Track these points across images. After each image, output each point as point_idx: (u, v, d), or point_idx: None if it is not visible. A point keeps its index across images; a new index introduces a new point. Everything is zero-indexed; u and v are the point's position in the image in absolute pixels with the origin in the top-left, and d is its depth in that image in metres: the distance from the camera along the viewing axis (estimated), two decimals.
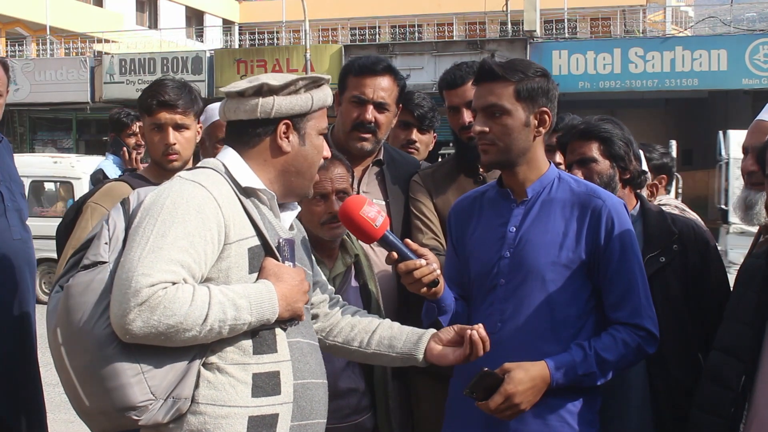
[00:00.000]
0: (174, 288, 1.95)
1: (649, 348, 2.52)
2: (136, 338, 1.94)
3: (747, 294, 2.49)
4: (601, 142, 2.96)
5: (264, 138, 2.23)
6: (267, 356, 2.13)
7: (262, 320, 2.07)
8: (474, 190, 2.82)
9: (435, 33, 28.78)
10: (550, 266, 2.50)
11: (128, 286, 1.93)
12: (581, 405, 2.50)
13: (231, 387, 2.07)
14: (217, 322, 1.99)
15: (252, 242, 2.14)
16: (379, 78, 3.23)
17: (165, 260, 1.97)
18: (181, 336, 1.96)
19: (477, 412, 2.44)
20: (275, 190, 2.26)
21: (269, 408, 2.10)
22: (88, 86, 25.56)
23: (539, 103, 2.53)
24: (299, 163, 2.27)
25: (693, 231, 2.97)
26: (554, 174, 2.61)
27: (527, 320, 2.50)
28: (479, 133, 2.53)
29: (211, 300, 1.99)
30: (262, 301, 2.07)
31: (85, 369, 2.00)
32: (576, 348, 2.45)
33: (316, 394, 2.24)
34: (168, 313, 1.92)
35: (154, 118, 3.14)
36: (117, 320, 1.93)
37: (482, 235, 2.63)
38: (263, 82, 2.19)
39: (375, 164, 3.32)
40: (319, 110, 2.28)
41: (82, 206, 3.13)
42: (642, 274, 2.55)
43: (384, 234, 2.44)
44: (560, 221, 2.53)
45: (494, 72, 2.52)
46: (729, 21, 23.53)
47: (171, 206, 2.05)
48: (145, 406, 1.98)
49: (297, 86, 2.22)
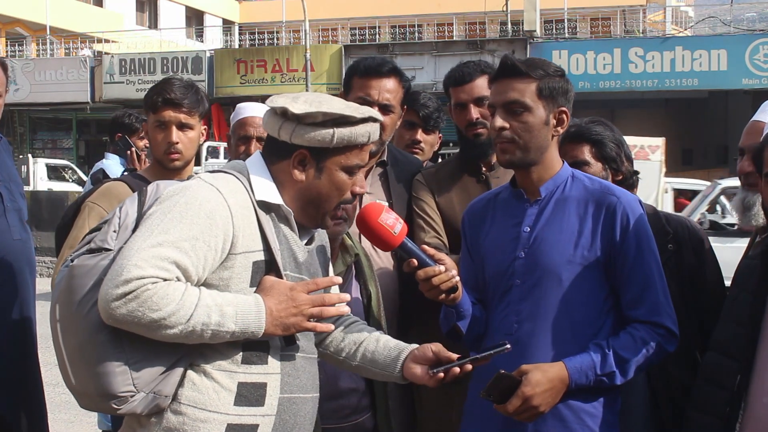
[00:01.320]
0: (165, 284, 1.96)
1: (669, 346, 2.47)
2: (118, 323, 1.96)
3: (742, 294, 2.49)
4: (593, 145, 2.94)
5: (283, 160, 2.21)
6: (256, 367, 2.13)
7: (246, 332, 2.06)
8: (488, 192, 2.80)
9: (435, 33, 28.80)
10: (565, 265, 2.46)
11: (120, 273, 1.94)
12: (601, 406, 2.46)
13: (214, 392, 2.08)
14: (200, 324, 1.99)
15: (258, 256, 2.13)
16: (384, 80, 3.22)
17: (161, 257, 1.97)
18: (163, 332, 1.97)
19: (495, 413, 2.40)
20: (293, 209, 2.24)
21: (250, 418, 2.11)
22: (88, 86, 25.59)
23: (559, 102, 2.51)
24: (311, 194, 2.22)
25: (687, 230, 2.95)
26: (567, 173, 2.58)
27: (544, 320, 2.46)
28: (499, 129, 2.49)
29: (199, 302, 2.00)
30: (249, 313, 2.05)
31: (75, 350, 2.04)
32: (594, 348, 2.41)
33: (302, 408, 2.22)
34: (154, 308, 1.94)
35: (159, 115, 3.14)
36: (103, 303, 1.95)
37: (496, 236, 2.60)
38: (287, 106, 2.16)
39: (378, 165, 3.31)
40: (345, 147, 2.19)
41: (81, 205, 3.13)
42: (659, 271, 2.51)
43: (402, 241, 2.39)
44: (575, 219, 2.50)
45: (517, 68, 2.49)
46: (729, 21, 23.55)
47: (183, 205, 2.05)
48: (126, 397, 2.01)
49: (317, 119, 2.15)
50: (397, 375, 2.39)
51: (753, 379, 2.38)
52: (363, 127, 2.20)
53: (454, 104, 3.28)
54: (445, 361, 2.31)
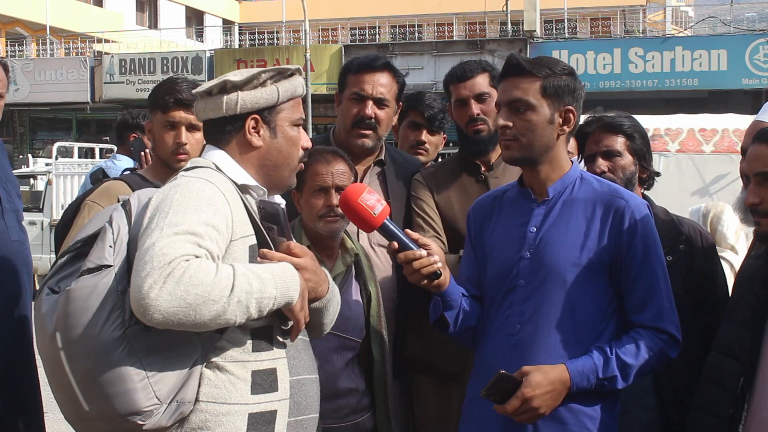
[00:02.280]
0: (197, 260, 1.92)
1: (672, 352, 2.46)
2: (165, 315, 1.86)
3: (745, 295, 2.48)
4: (627, 138, 2.96)
5: (234, 135, 2.24)
6: (265, 354, 2.14)
7: (286, 296, 2.06)
8: (494, 190, 2.79)
9: (435, 33, 28.78)
10: (570, 267, 2.45)
11: (148, 268, 1.87)
12: (601, 409, 2.45)
13: (231, 384, 2.08)
14: (244, 293, 1.95)
15: (251, 240, 2.15)
16: (377, 74, 3.22)
17: (182, 240, 1.93)
18: (209, 308, 1.89)
19: (494, 414, 2.40)
20: (259, 184, 2.28)
21: (268, 405, 2.12)
22: (88, 86, 25.57)
23: (565, 101, 2.50)
24: (273, 156, 2.27)
25: (699, 233, 2.95)
26: (576, 173, 2.57)
27: (547, 322, 2.44)
28: (502, 127, 2.49)
29: (236, 272, 1.96)
30: (285, 276, 2.07)
31: (87, 374, 1.97)
32: (597, 351, 2.40)
33: (310, 389, 2.26)
34: (194, 282, 1.87)
35: (169, 115, 3.12)
36: (140, 302, 1.86)
37: (502, 234, 2.59)
38: (225, 78, 2.21)
39: (376, 164, 3.31)
40: (288, 101, 2.28)
41: (80, 205, 3.12)
42: (665, 277, 2.50)
43: (383, 222, 2.41)
44: (582, 221, 2.48)
45: (522, 67, 2.49)
46: (729, 21, 23.54)
47: (181, 200, 2.03)
48: (150, 411, 1.97)
49: (260, 79, 2.22)
50: None
51: (756, 380, 2.37)
52: (297, 79, 2.30)
53: (454, 101, 3.27)
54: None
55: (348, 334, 2.85)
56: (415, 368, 3.24)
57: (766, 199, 2.35)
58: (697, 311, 2.85)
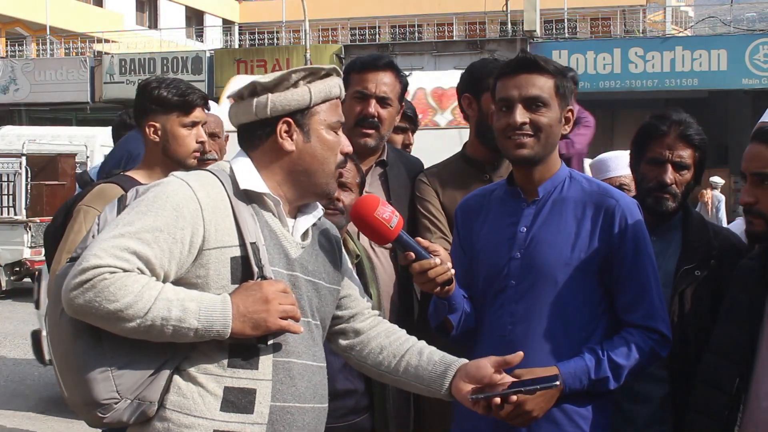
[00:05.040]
0: (124, 275, 1.89)
1: (662, 351, 2.46)
2: (77, 314, 1.91)
3: (741, 296, 2.47)
4: (697, 150, 2.84)
5: (265, 140, 2.14)
6: (243, 371, 2.03)
7: (211, 330, 1.95)
8: (481, 188, 2.77)
9: (435, 33, 28.75)
10: (562, 267, 2.44)
11: (80, 263, 1.90)
12: (595, 410, 2.45)
13: (199, 397, 2.00)
14: (159, 319, 1.90)
15: (234, 252, 2.04)
16: (381, 73, 3.23)
17: (120, 247, 1.91)
18: (121, 325, 1.90)
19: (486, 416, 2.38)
20: (286, 194, 2.16)
21: (238, 425, 2.01)
22: (88, 86, 25.57)
23: (568, 101, 2.51)
24: (306, 161, 2.15)
25: (733, 247, 2.81)
26: (565, 173, 2.56)
27: (539, 322, 2.44)
28: (521, 124, 2.45)
29: (159, 296, 1.91)
30: (214, 310, 1.96)
31: (62, 359, 2.00)
32: (589, 353, 2.40)
33: (298, 419, 2.10)
34: (111, 298, 1.87)
35: (193, 115, 3.14)
36: (64, 293, 1.91)
37: (491, 234, 2.58)
38: (255, 80, 2.14)
39: (379, 165, 3.30)
40: (324, 103, 2.16)
41: (72, 209, 3.08)
42: (655, 276, 2.50)
43: (399, 234, 2.33)
44: (572, 221, 2.48)
45: (537, 64, 2.47)
46: (729, 21, 23.53)
47: (150, 199, 2.00)
48: (110, 404, 1.95)
49: (291, 80, 2.13)
50: (444, 393, 2.28)
51: (752, 382, 2.36)
52: (332, 80, 2.20)
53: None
54: (491, 385, 2.22)
55: None
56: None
57: (761, 200, 2.33)
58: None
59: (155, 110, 3.16)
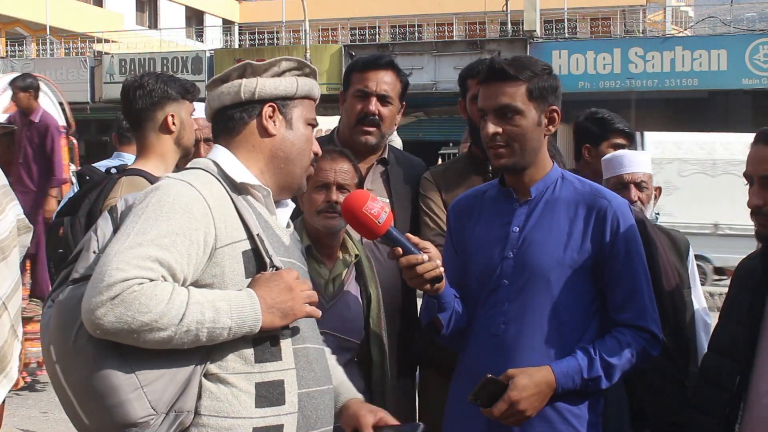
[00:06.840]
0: (152, 285, 1.85)
1: (654, 350, 2.48)
2: (107, 334, 1.84)
3: (741, 294, 2.49)
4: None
5: (249, 122, 2.16)
6: (270, 364, 2.04)
7: (243, 326, 1.95)
8: (474, 188, 2.78)
9: (435, 33, 28.79)
10: (554, 267, 2.45)
11: (101, 280, 1.83)
12: (586, 408, 2.47)
13: (234, 397, 1.98)
14: (194, 323, 1.88)
15: (244, 246, 2.04)
16: (381, 72, 3.25)
17: (142, 257, 1.86)
18: (155, 336, 1.85)
19: (478, 412, 2.40)
20: (267, 183, 2.17)
21: (274, 419, 2.02)
22: (87, 86, 25.57)
23: (549, 101, 2.49)
24: (287, 148, 2.17)
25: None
26: (557, 173, 2.57)
27: (531, 322, 2.45)
28: (492, 135, 2.46)
29: (190, 299, 1.89)
30: (243, 306, 1.95)
31: (82, 386, 1.91)
32: (581, 352, 2.41)
33: (321, 402, 2.14)
34: (143, 310, 1.82)
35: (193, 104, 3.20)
36: (87, 314, 1.83)
37: (484, 234, 2.59)
38: (246, 62, 2.17)
39: (380, 163, 3.32)
40: (305, 98, 2.21)
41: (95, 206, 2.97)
42: (647, 276, 2.51)
43: (387, 230, 2.37)
44: (564, 221, 2.49)
45: (505, 72, 2.46)
46: (729, 21, 23.54)
47: (156, 204, 1.96)
48: (146, 422, 1.89)
49: (281, 68, 2.17)
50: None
51: (752, 380, 2.38)
52: (313, 81, 2.25)
53: (470, 96, 3.25)
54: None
55: (347, 335, 2.84)
56: (423, 364, 3.27)
57: None
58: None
59: (175, 98, 3.14)
